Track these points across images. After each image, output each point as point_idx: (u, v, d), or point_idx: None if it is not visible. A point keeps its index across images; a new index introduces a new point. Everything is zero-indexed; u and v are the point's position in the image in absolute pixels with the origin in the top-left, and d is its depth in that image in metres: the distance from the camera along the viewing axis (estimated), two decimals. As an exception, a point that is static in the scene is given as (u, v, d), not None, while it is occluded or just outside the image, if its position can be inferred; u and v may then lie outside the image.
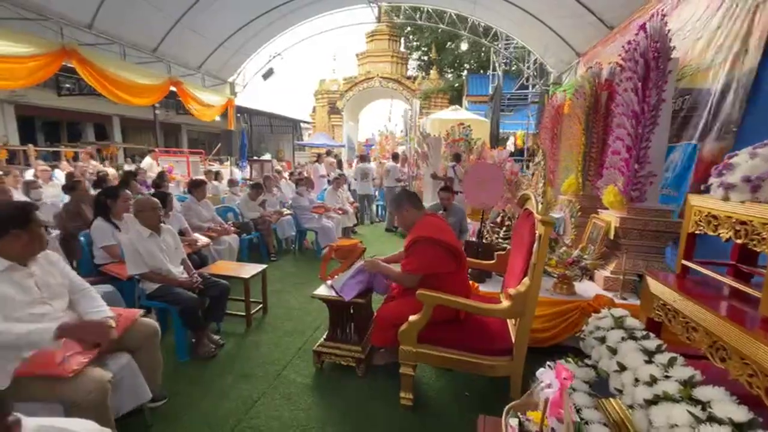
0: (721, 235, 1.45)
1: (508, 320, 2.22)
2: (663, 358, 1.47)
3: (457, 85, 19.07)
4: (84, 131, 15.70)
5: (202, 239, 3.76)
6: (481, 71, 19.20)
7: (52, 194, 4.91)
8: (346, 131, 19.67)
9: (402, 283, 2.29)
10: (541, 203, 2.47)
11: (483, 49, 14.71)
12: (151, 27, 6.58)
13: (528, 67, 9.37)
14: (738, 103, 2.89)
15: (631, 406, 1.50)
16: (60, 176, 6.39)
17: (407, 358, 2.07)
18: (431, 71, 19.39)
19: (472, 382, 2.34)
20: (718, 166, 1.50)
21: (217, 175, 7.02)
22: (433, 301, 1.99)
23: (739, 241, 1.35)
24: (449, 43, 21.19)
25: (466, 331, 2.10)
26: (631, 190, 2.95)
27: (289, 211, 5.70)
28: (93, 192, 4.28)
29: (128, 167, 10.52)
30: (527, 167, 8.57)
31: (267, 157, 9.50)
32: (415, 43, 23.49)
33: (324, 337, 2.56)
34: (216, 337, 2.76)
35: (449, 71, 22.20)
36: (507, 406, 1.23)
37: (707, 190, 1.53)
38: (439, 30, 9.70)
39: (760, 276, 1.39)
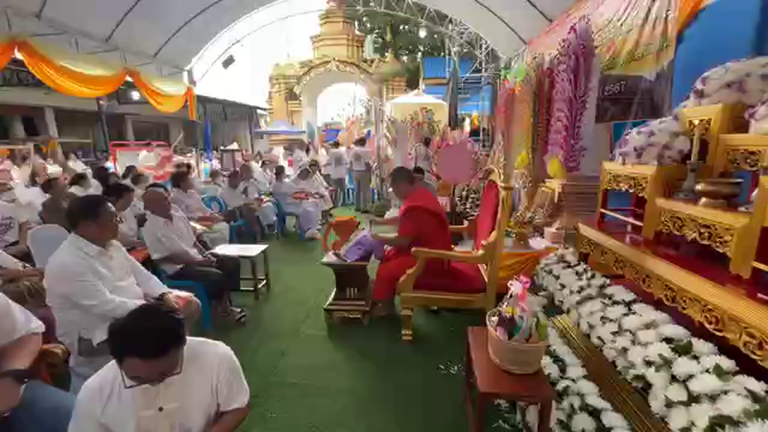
0: (621, 188, 2.11)
1: (480, 266, 2.83)
2: (587, 275, 2.14)
3: (412, 68, 19.50)
4: (11, 126, 14.22)
5: (198, 227, 4.01)
6: (436, 54, 19.79)
7: (21, 194, 4.80)
8: (305, 116, 19.51)
9: (399, 244, 2.81)
10: (502, 175, 3.07)
11: (436, 33, 15.23)
12: (103, 14, 6.30)
13: (480, 52, 10.04)
14: (666, 88, 3.53)
15: (568, 310, 2.17)
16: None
17: (407, 302, 2.63)
18: (387, 54, 19.61)
19: (455, 322, 2.95)
20: (619, 141, 2.15)
21: (189, 167, 7.01)
22: (425, 255, 2.54)
23: (631, 191, 2.02)
24: (403, 26, 21.40)
25: (450, 278, 2.69)
26: (569, 162, 3.66)
27: (269, 198, 5.97)
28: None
29: (73, 164, 9.91)
30: (483, 146, 9.36)
31: (234, 146, 9.42)
32: (368, 26, 23.43)
33: (332, 296, 3.04)
34: (236, 309, 3.13)
35: (405, 53, 22.54)
36: (488, 312, 1.81)
37: (613, 158, 2.19)
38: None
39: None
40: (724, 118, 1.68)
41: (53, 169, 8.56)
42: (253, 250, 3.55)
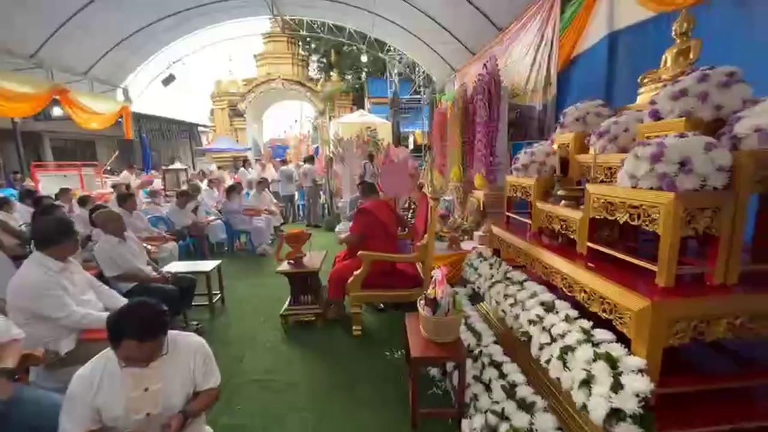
0: (519, 195, 2.71)
1: (417, 264, 3.30)
2: (497, 264, 2.69)
3: (357, 86, 20.28)
4: None
5: (148, 247, 4.02)
6: (379, 74, 20.82)
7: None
8: (250, 134, 19.23)
9: (349, 241, 3.19)
10: (431, 187, 3.61)
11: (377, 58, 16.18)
12: (28, 31, 6.00)
13: (418, 77, 10.97)
14: (551, 116, 4.44)
15: (483, 294, 2.69)
16: None
17: (356, 300, 3.00)
18: (332, 74, 20.20)
19: (398, 316, 3.36)
20: (514, 158, 2.77)
21: (128, 188, 6.74)
22: (370, 258, 2.95)
23: (522, 197, 2.62)
24: (346, 47, 22.23)
25: (392, 277, 3.12)
26: (489, 175, 4.35)
27: (216, 217, 6.01)
28: None
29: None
30: (424, 162, 10.16)
31: (178, 165, 9.16)
32: (314, 45, 23.94)
33: (287, 303, 3.30)
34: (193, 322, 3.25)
35: (349, 73, 23.33)
36: (418, 298, 2.24)
37: (511, 172, 2.80)
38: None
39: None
40: (575, 143, 2.34)
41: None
42: (208, 265, 3.68)
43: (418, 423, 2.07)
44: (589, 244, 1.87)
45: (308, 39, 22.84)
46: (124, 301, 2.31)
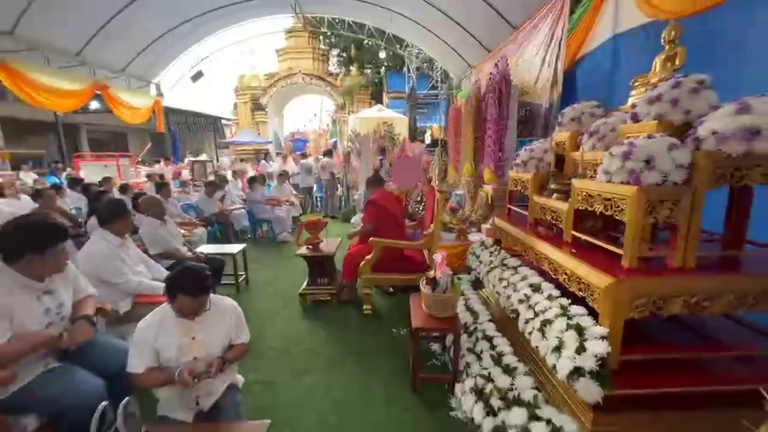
0: (519, 189, 2.93)
1: (425, 251, 3.56)
2: (496, 252, 2.93)
3: (376, 80, 20.45)
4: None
5: (181, 231, 4.45)
6: (398, 68, 20.92)
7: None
8: (271, 127, 19.80)
9: (364, 231, 3.49)
10: (438, 180, 3.85)
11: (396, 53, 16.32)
12: (73, 31, 6.55)
13: (436, 72, 11.09)
14: (556, 115, 4.62)
15: (482, 279, 2.93)
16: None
17: (367, 283, 3.30)
18: (351, 68, 20.44)
19: (404, 299, 3.64)
20: (515, 156, 2.98)
21: (162, 177, 7.28)
22: (381, 244, 3.24)
23: (522, 191, 2.84)
24: (367, 42, 22.39)
25: (401, 262, 3.40)
26: (497, 170, 4.54)
27: (241, 205, 6.44)
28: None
29: (25, 176, 9.65)
30: (434, 156, 10.34)
31: (204, 157, 9.70)
32: (334, 39, 24.19)
33: (305, 284, 3.65)
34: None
35: (369, 67, 23.50)
36: (421, 279, 2.51)
37: (513, 168, 3.01)
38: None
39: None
40: (570, 141, 2.54)
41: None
42: (235, 248, 4.07)
43: (418, 387, 2.35)
44: (574, 232, 2.09)
45: (329, 34, 23.19)
46: (165, 274, 2.69)
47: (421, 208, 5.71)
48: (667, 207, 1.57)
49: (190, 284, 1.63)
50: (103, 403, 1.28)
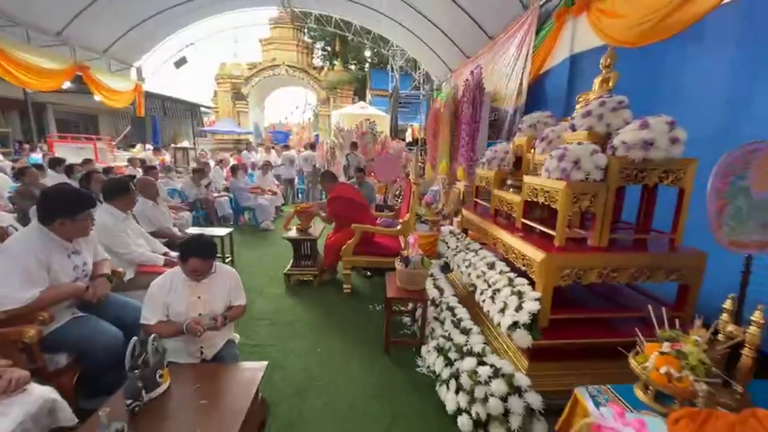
0: (484, 185, 3.36)
1: (400, 237, 3.95)
2: (462, 238, 3.35)
3: (360, 77, 20.66)
4: None
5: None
6: (381, 66, 21.22)
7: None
8: (252, 118, 19.65)
9: (326, 222, 3.89)
10: (414, 175, 4.24)
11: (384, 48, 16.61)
12: (57, 9, 6.47)
13: (418, 74, 11.50)
14: (520, 121, 5.10)
15: (449, 263, 3.35)
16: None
17: (348, 264, 3.65)
18: (335, 63, 20.53)
19: (381, 281, 4.02)
20: (483, 155, 3.41)
21: (143, 163, 7.28)
22: (362, 229, 3.59)
23: (486, 186, 3.27)
24: (352, 38, 22.53)
25: (379, 246, 3.77)
26: (469, 169, 4.99)
27: (225, 193, 6.61)
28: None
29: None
30: (421, 155, 10.78)
31: (186, 144, 9.67)
32: (318, 33, 24.15)
33: (290, 265, 3.95)
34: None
35: (353, 63, 23.65)
36: (396, 261, 2.88)
37: (480, 166, 3.44)
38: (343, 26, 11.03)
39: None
40: (527, 144, 2.98)
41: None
42: (221, 231, 4.30)
43: (390, 349, 2.73)
44: (524, 220, 2.52)
45: (314, 26, 23.14)
46: (164, 249, 2.94)
47: (399, 201, 6.11)
48: (587, 199, 2.02)
49: (201, 249, 1.93)
50: (135, 338, 1.56)
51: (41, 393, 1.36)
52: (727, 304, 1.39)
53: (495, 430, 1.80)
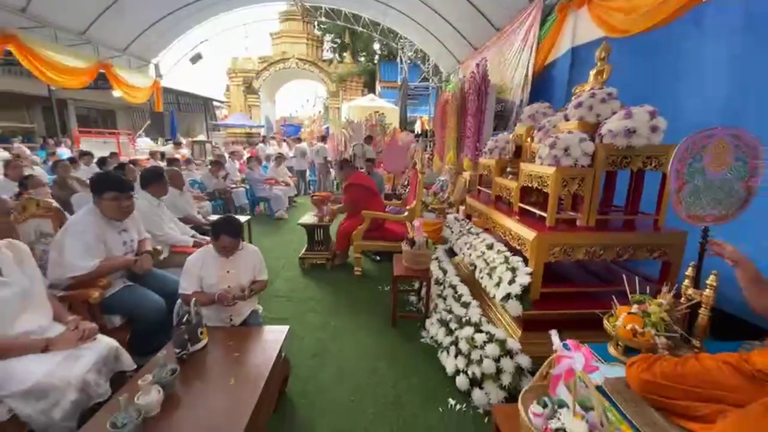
0: (486, 173, 3.55)
1: (407, 223, 4.19)
2: (465, 223, 3.57)
3: (369, 69, 20.71)
4: None
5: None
6: (391, 58, 21.25)
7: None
8: (263, 111, 19.99)
9: (343, 211, 4.12)
10: (421, 165, 4.45)
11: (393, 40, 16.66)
12: (81, 10, 6.81)
13: (427, 66, 11.59)
14: (516, 112, 5.22)
15: (453, 246, 3.57)
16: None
17: (358, 248, 3.91)
18: (345, 55, 20.62)
19: (389, 264, 4.28)
20: (485, 145, 3.60)
21: (163, 156, 7.66)
22: (372, 216, 3.84)
23: (488, 174, 3.46)
24: (361, 30, 22.54)
25: (387, 231, 4.02)
26: (474, 159, 5.17)
27: (242, 184, 6.93)
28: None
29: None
30: (429, 146, 10.94)
31: (202, 137, 10.06)
32: (329, 26, 24.19)
33: (304, 249, 4.24)
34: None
35: (362, 55, 23.69)
36: (403, 243, 3.12)
37: (483, 155, 3.63)
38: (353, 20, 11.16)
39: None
40: (526, 134, 3.16)
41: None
42: (241, 219, 4.59)
43: (397, 323, 2.99)
44: (520, 204, 2.73)
45: (324, 19, 23.20)
46: (192, 232, 3.24)
47: (407, 191, 6.33)
48: (576, 183, 2.22)
49: (230, 228, 2.21)
50: (179, 302, 1.85)
51: (108, 341, 1.66)
52: (689, 271, 1.59)
53: (488, 387, 2.04)
